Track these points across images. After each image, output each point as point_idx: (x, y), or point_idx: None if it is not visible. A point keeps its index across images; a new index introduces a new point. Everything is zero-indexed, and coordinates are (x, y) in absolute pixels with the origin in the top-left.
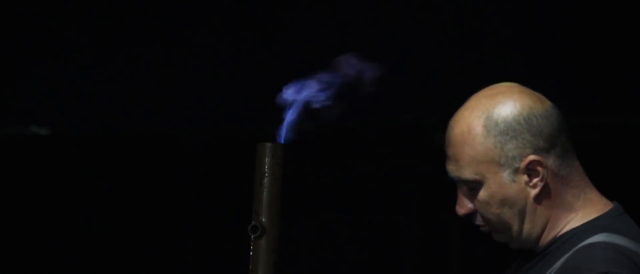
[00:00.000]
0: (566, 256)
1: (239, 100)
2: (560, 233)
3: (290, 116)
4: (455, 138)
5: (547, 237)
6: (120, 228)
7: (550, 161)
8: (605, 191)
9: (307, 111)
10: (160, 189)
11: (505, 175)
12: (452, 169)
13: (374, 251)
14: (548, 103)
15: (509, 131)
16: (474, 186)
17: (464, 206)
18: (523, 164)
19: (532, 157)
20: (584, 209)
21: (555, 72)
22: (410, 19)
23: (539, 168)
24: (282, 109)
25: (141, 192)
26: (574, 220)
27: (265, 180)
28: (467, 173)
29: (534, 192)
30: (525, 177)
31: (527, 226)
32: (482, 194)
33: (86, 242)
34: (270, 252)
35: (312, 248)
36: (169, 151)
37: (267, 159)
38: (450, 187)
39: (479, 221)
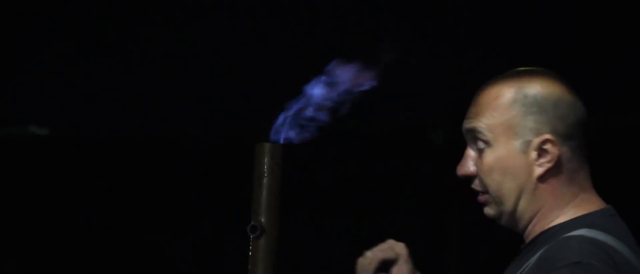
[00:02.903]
0: (545, 247)
1: (238, 100)
2: (547, 226)
3: (289, 116)
4: (482, 98)
5: (535, 229)
6: (119, 228)
7: (564, 150)
8: (604, 191)
9: (307, 111)
10: (160, 189)
11: (517, 144)
12: (469, 122)
13: None
14: (579, 100)
15: (535, 105)
16: (483, 147)
17: (466, 167)
18: (538, 140)
19: (548, 136)
20: (577, 207)
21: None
22: (410, 20)
23: (551, 149)
24: (281, 109)
25: (140, 192)
26: (564, 216)
27: (265, 180)
28: (484, 130)
29: (538, 171)
30: (534, 154)
31: (522, 204)
32: (489, 156)
33: (86, 242)
34: (269, 252)
35: (312, 248)
36: (168, 151)
37: (266, 159)
38: (450, 188)
39: (476, 185)
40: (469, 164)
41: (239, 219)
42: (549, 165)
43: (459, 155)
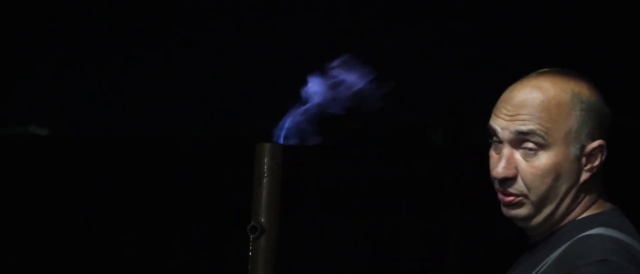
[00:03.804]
0: (564, 246)
1: (238, 101)
2: (561, 224)
3: (290, 117)
4: (533, 101)
5: (550, 228)
6: (119, 228)
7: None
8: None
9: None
10: (160, 189)
11: (573, 149)
12: (522, 124)
13: (373, 251)
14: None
15: (592, 110)
16: (535, 149)
17: (511, 168)
18: (592, 146)
19: (602, 141)
20: (589, 206)
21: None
22: (410, 20)
23: (600, 155)
24: (282, 109)
25: (140, 192)
26: (577, 213)
27: (264, 180)
28: (542, 133)
29: (585, 176)
30: (584, 160)
31: (562, 207)
32: (544, 160)
33: (85, 241)
34: (269, 252)
35: (312, 248)
36: (168, 151)
37: (266, 159)
38: (449, 188)
39: (515, 189)
40: (513, 165)
41: (239, 219)
42: (595, 170)
43: (459, 155)
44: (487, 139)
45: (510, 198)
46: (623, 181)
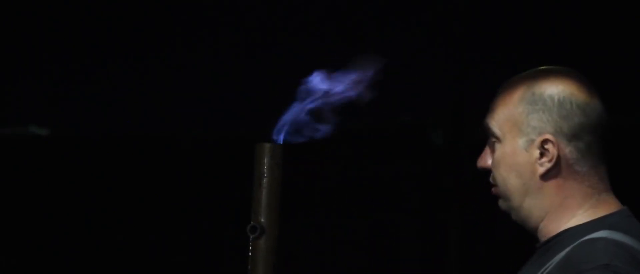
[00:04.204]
0: (567, 249)
1: (238, 101)
2: (563, 227)
3: (289, 117)
4: (498, 95)
5: (549, 229)
6: (119, 228)
7: (567, 150)
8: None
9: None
10: (160, 189)
11: (521, 142)
12: (486, 118)
13: (373, 252)
14: (596, 101)
15: (539, 103)
16: (494, 142)
17: (484, 160)
18: (539, 139)
19: (548, 135)
20: (593, 208)
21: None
22: (408, 21)
23: (551, 149)
24: (282, 109)
25: (140, 192)
26: (580, 216)
27: (264, 180)
28: (494, 126)
29: (540, 170)
30: (537, 153)
31: (528, 202)
32: (497, 152)
33: (85, 241)
34: (269, 252)
35: (312, 248)
36: (168, 151)
37: (266, 159)
38: (450, 188)
39: (492, 179)
40: (487, 157)
41: (239, 219)
42: (549, 165)
43: (460, 156)
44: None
45: (493, 190)
46: (623, 181)
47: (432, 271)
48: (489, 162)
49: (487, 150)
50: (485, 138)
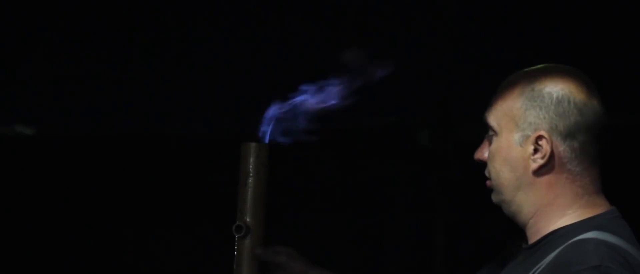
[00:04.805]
0: (557, 250)
1: (224, 100)
2: (553, 227)
3: (275, 117)
4: (500, 89)
5: (539, 228)
6: (103, 227)
7: (561, 149)
8: (607, 191)
9: (295, 113)
10: (145, 188)
11: (517, 137)
12: (486, 112)
13: (360, 251)
14: (595, 102)
15: (538, 99)
16: (492, 135)
17: (481, 152)
18: (534, 136)
19: (543, 132)
20: (582, 209)
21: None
22: (396, 21)
23: (545, 146)
24: (267, 109)
25: (125, 191)
26: (570, 217)
27: (250, 180)
28: (492, 120)
29: (533, 166)
30: (531, 149)
31: (519, 196)
32: (493, 145)
33: (73, 241)
34: (254, 252)
35: (297, 247)
36: (154, 151)
37: (251, 159)
38: (436, 188)
39: (486, 172)
40: (484, 150)
41: (225, 218)
42: (541, 161)
43: (447, 155)
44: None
45: (487, 183)
46: (623, 181)
47: (418, 270)
48: (485, 154)
49: (485, 143)
50: (484, 132)
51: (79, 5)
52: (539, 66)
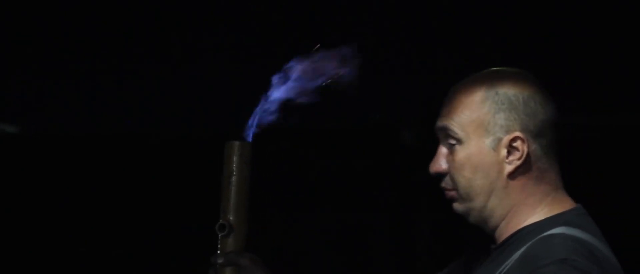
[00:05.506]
0: (526, 246)
1: (207, 99)
2: (521, 226)
3: (258, 115)
4: (454, 97)
5: (508, 228)
6: (87, 227)
7: (533, 148)
8: (606, 191)
9: (277, 110)
10: (128, 187)
11: (488, 142)
12: (441, 120)
13: (343, 250)
14: (551, 99)
15: (505, 102)
16: (454, 144)
17: (438, 164)
18: (508, 138)
19: (518, 133)
20: (549, 206)
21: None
22: (379, 20)
23: (521, 146)
24: (250, 108)
25: (108, 191)
26: (538, 215)
27: (233, 179)
28: (455, 127)
29: (508, 169)
30: (504, 152)
31: (492, 201)
32: (460, 154)
33: (53, 241)
34: (237, 250)
35: (281, 246)
36: (137, 150)
37: (235, 157)
38: (419, 187)
39: (447, 184)
40: (441, 161)
41: (208, 217)
42: (518, 163)
43: (430, 154)
44: None
45: (449, 193)
46: (623, 181)
47: (402, 269)
48: (444, 166)
49: (441, 153)
50: (436, 142)
51: (64, 7)
52: (492, 70)
